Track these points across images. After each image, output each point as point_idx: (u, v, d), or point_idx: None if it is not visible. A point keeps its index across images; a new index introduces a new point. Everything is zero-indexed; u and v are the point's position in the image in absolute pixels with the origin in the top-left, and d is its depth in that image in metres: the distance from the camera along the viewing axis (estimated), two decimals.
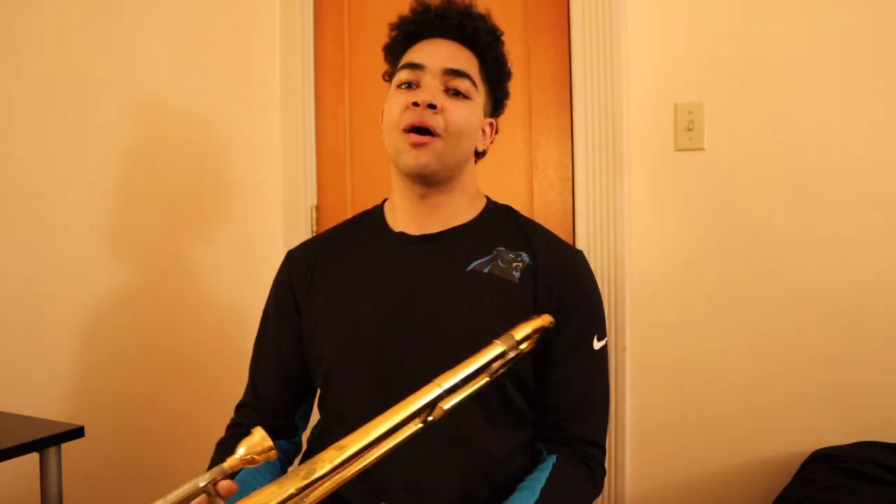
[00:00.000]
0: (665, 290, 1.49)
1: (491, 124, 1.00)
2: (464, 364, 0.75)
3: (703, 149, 1.46)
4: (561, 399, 0.92)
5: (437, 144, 0.88)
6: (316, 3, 1.84)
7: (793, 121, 1.40)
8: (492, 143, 1.02)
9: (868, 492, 1.13)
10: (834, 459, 1.25)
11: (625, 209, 1.51)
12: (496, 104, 1.01)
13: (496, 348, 0.77)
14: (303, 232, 1.82)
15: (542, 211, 1.63)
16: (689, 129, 1.46)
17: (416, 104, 0.87)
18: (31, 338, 1.32)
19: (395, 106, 0.90)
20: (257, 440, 0.59)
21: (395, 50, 0.98)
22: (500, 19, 1.65)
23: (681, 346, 1.48)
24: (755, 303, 1.43)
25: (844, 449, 1.29)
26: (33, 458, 1.03)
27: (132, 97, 1.50)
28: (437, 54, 0.91)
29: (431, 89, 0.88)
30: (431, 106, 0.87)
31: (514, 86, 1.69)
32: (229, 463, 0.59)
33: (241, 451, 0.59)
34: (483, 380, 0.77)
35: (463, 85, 0.90)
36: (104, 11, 1.45)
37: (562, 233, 1.60)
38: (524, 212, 1.02)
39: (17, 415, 1.16)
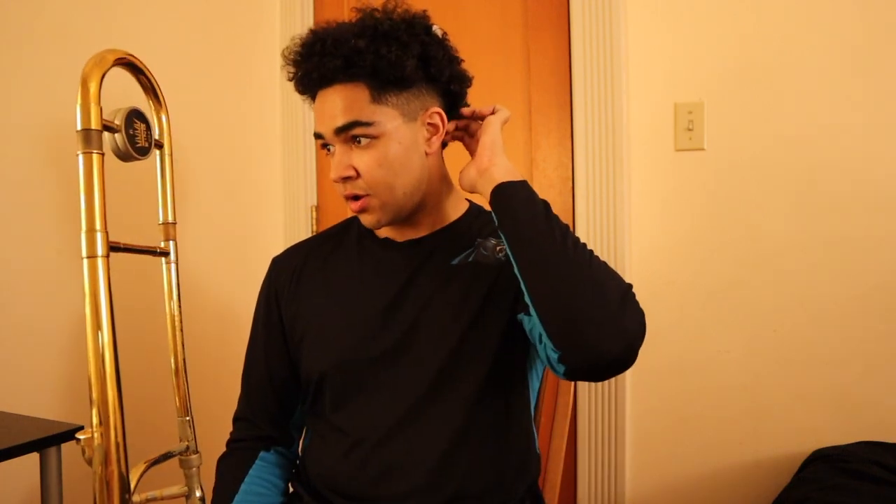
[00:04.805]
0: (665, 290, 1.49)
1: (438, 113, 0.87)
2: None
3: (703, 149, 1.46)
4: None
5: (372, 202, 0.85)
6: (316, 4, 1.84)
7: (792, 121, 1.40)
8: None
9: (868, 492, 1.13)
10: (834, 459, 1.26)
11: (625, 209, 1.51)
12: (445, 88, 0.88)
13: None
14: (303, 232, 1.82)
15: None
16: (689, 129, 1.46)
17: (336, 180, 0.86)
18: (31, 338, 1.32)
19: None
20: None
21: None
22: (500, 19, 1.67)
23: (680, 347, 1.48)
24: (755, 303, 1.43)
25: (844, 449, 1.29)
26: (33, 458, 1.03)
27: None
28: (325, 114, 0.84)
29: (340, 157, 0.84)
30: (346, 178, 0.85)
31: (514, 86, 1.69)
32: None
33: None
34: None
35: (359, 132, 0.83)
36: (103, 9, 1.45)
37: None
38: None
39: (17, 415, 1.15)
